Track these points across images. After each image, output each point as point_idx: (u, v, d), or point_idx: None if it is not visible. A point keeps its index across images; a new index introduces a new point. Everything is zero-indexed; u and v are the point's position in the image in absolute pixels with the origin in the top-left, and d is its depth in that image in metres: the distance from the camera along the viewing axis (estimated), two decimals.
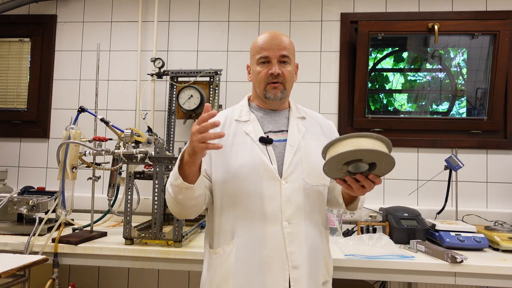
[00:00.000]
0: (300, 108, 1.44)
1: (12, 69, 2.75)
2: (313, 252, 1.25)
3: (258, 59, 1.31)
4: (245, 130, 1.31)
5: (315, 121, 1.42)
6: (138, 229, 1.93)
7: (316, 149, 1.30)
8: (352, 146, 1.03)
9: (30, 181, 2.59)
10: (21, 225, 2.04)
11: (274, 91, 1.31)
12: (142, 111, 2.46)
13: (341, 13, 2.52)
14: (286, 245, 1.20)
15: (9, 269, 1.48)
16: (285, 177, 1.24)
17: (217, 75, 2.33)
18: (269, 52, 1.29)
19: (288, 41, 1.34)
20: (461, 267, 1.66)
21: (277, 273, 1.19)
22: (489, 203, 2.37)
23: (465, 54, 2.56)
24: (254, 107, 1.40)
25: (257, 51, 1.32)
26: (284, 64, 1.31)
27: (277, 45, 1.30)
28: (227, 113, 1.39)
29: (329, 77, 2.52)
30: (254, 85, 1.36)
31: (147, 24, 2.62)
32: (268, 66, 1.30)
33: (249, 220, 1.23)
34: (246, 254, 1.22)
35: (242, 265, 1.22)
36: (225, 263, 1.24)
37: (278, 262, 1.20)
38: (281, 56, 1.30)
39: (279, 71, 1.29)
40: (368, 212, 2.31)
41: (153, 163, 1.84)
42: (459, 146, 2.37)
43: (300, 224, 1.23)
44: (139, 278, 2.51)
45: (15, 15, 2.69)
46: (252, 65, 1.37)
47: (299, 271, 1.20)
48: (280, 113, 1.38)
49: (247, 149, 1.26)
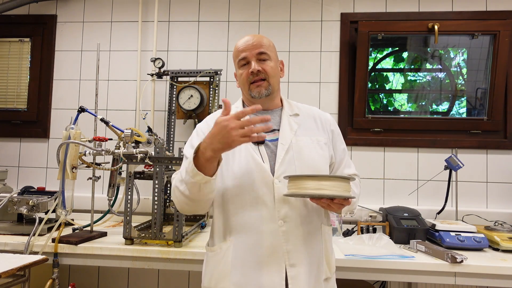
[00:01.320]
0: (294, 104, 1.44)
1: (12, 69, 2.75)
2: (312, 249, 1.26)
3: (239, 62, 1.35)
4: None
5: (309, 116, 1.41)
6: (138, 229, 1.93)
7: (309, 145, 1.32)
8: (314, 189, 1.11)
9: (30, 181, 2.59)
10: (21, 225, 2.04)
11: (258, 89, 1.32)
12: (142, 111, 2.46)
13: (341, 13, 2.52)
14: (282, 244, 1.21)
15: (9, 269, 1.48)
16: (277, 175, 1.25)
17: (217, 75, 2.33)
18: (245, 53, 1.32)
19: (265, 39, 1.36)
20: (461, 267, 1.66)
21: (274, 271, 1.20)
22: (489, 203, 2.37)
23: (465, 54, 2.56)
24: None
25: (236, 55, 1.35)
26: (264, 61, 1.33)
27: (252, 45, 1.32)
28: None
29: (329, 77, 2.52)
30: (241, 88, 1.39)
31: (147, 24, 2.62)
32: (248, 66, 1.32)
33: (245, 218, 1.24)
34: (243, 252, 1.23)
35: (239, 263, 1.23)
36: (222, 260, 1.25)
37: (274, 260, 1.21)
38: (258, 53, 1.32)
39: (259, 68, 1.30)
40: (368, 212, 2.31)
41: (153, 163, 1.84)
42: (459, 146, 2.37)
43: (296, 222, 1.24)
44: (139, 278, 2.51)
45: (15, 15, 2.69)
46: (236, 70, 1.40)
47: (296, 269, 1.21)
48: (273, 112, 1.38)
49: (242, 149, 1.27)
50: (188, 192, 1.19)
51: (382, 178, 2.44)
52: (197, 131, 1.38)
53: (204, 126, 1.38)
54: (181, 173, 1.23)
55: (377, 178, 2.44)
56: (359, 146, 2.47)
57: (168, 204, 2.27)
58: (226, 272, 1.24)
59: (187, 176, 1.16)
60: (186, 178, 1.17)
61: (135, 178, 1.94)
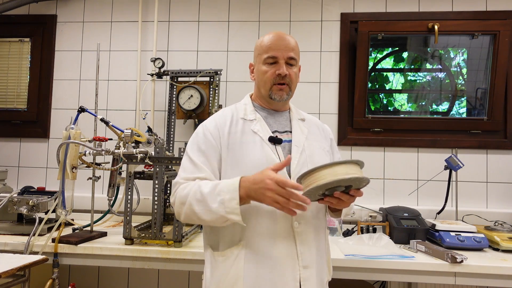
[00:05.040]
0: (299, 111, 1.46)
1: (12, 69, 2.75)
2: (320, 251, 1.27)
3: (266, 59, 1.29)
4: (253, 129, 1.29)
5: (313, 123, 1.43)
6: (138, 229, 1.93)
7: (319, 150, 1.33)
8: (329, 177, 1.06)
9: (30, 181, 2.59)
10: (21, 225, 2.04)
11: (280, 93, 1.30)
12: (142, 111, 2.45)
13: (341, 13, 2.52)
14: (297, 245, 1.20)
15: (9, 269, 1.48)
16: (293, 177, 1.23)
17: (217, 75, 2.33)
18: (277, 52, 1.28)
19: (294, 42, 1.33)
20: (461, 267, 1.66)
21: (288, 273, 1.18)
22: (489, 203, 2.37)
23: (465, 54, 2.56)
24: (257, 106, 1.38)
25: (264, 51, 1.30)
26: (291, 66, 1.30)
27: (285, 46, 1.29)
28: (232, 111, 1.37)
29: (329, 77, 2.52)
30: (259, 84, 1.35)
31: (147, 24, 2.62)
32: (275, 66, 1.28)
33: (259, 220, 1.21)
34: (256, 255, 1.20)
35: (253, 266, 1.19)
36: (233, 265, 1.21)
37: (289, 262, 1.19)
38: (289, 58, 1.29)
39: (287, 72, 1.28)
40: (368, 212, 2.31)
41: (153, 163, 1.84)
42: (459, 146, 2.37)
43: (309, 223, 1.24)
44: (139, 278, 2.51)
45: (15, 15, 2.69)
46: (257, 64, 1.34)
47: (309, 270, 1.20)
48: (282, 114, 1.38)
49: (257, 148, 1.25)
50: (207, 218, 1.16)
51: (382, 178, 2.44)
52: (204, 134, 1.30)
53: (212, 127, 1.31)
54: (199, 191, 1.17)
55: (377, 178, 2.44)
56: (359, 146, 2.47)
57: (168, 204, 2.27)
58: (238, 276, 1.20)
59: (221, 208, 1.12)
60: (214, 208, 1.13)
61: (135, 178, 1.94)
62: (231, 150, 1.26)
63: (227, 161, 1.26)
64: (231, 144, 1.27)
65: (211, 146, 1.27)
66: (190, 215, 1.20)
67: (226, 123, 1.31)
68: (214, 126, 1.31)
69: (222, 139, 1.28)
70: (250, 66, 1.41)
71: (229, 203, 1.11)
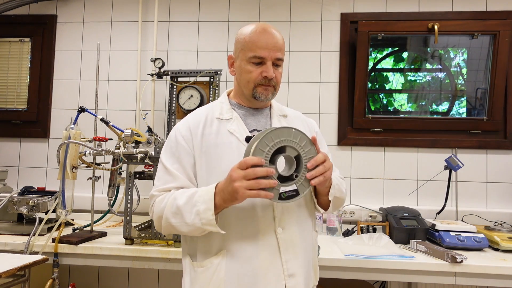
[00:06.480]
0: (282, 107, 1.38)
1: (12, 69, 2.75)
2: (307, 258, 1.20)
3: (251, 58, 1.19)
4: (229, 129, 1.21)
5: (297, 118, 1.36)
6: (138, 229, 1.93)
7: None
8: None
9: (30, 181, 2.59)
10: (21, 225, 2.04)
11: (265, 92, 1.22)
12: (142, 111, 2.45)
13: (341, 13, 2.52)
14: (281, 253, 1.13)
15: (9, 269, 1.48)
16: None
17: (217, 75, 2.33)
18: (264, 52, 1.18)
19: (282, 40, 1.24)
20: (461, 267, 1.67)
21: (272, 284, 1.11)
22: (489, 203, 2.37)
23: (465, 54, 2.56)
24: (235, 104, 1.30)
25: (249, 48, 1.19)
26: (277, 67, 1.22)
27: (273, 45, 1.19)
28: (207, 111, 1.28)
29: (329, 77, 2.52)
30: (240, 83, 1.26)
31: (147, 24, 2.62)
32: (262, 67, 1.19)
33: (239, 227, 1.13)
34: (237, 265, 1.12)
35: (234, 277, 1.12)
36: (213, 276, 1.13)
37: (273, 271, 1.12)
38: (277, 59, 1.20)
39: (274, 75, 1.20)
40: (368, 212, 2.31)
41: (153, 163, 1.84)
42: (459, 146, 2.37)
43: (294, 229, 1.16)
44: (139, 278, 2.51)
45: (15, 15, 2.69)
46: (239, 60, 1.24)
47: (295, 279, 1.13)
48: (262, 112, 1.31)
49: (233, 150, 1.17)
50: (185, 230, 1.11)
51: (382, 178, 2.44)
52: (176, 138, 1.22)
53: (185, 130, 1.23)
54: (175, 204, 1.12)
55: (377, 178, 2.44)
56: (359, 146, 2.47)
57: None
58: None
59: (196, 220, 1.07)
60: (190, 220, 1.08)
61: (135, 178, 1.94)
62: (206, 153, 1.18)
63: (202, 166, 1.18)
64: (205, 146, 1.19)
65: (184, 150, 1.19)
66: (169, 229, 1.16)
67: (200, 124, 1.22)
68: (187, 128, 1.22)
69: (195, 142, 1.20)
70: (229, 59, 1.29)
71: (205, 214, 1.06)
